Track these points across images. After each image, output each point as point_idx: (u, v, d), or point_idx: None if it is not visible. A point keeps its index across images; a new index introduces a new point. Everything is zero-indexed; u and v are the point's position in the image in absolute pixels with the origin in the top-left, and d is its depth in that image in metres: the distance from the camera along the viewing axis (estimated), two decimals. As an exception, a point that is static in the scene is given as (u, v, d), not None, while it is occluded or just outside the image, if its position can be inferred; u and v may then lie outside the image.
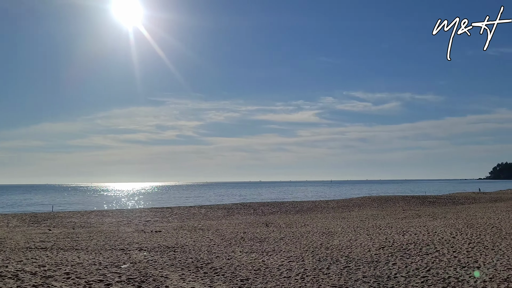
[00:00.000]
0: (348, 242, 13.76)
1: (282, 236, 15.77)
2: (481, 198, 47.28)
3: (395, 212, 27.06)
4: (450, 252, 11.49)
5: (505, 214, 22.32)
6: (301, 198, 61.45)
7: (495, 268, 9.44)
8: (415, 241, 13.50)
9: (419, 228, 17.14)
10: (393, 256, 11.22)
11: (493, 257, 10.66)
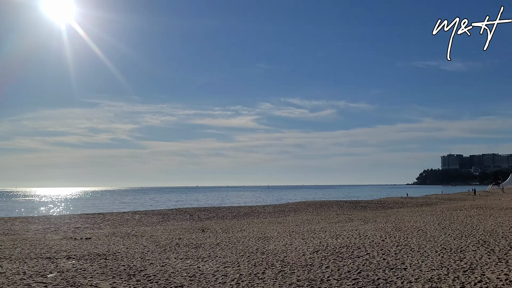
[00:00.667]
0: (283, 247, 13.91)
1: (218, 242, 15.66)
2: (409, 202, 49.82)
3: (329, 216, 27.81)
4: (379, 255, 11.94)
5: (430, 218, 23.62)
6: (238, 203, 61.55)
7: (420, 269, 9.91)
8: (347, 245, 13.91)
9: (351, 231, 17.70)
10: (327, 259, 11.47)
11: (418, 259, 11.20)
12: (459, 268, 9.91)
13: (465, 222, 20.77)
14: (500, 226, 18.38)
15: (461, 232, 16.52)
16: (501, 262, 10.57)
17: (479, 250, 12.39)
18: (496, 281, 8.65)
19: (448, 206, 37.08)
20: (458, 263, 10.49)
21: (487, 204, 37.45)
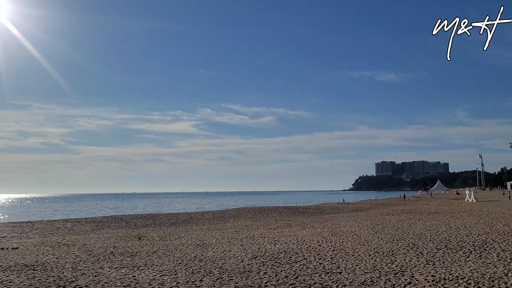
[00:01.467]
0: (222, 254, 13.82)
1: (155, 250, 15.28)
2: (345, 208, 51.37)
3: (268, 222, 28.02)
4: (316, 259, 12.16)
5: (364, 223, 24.45)
6: (177, 210, 60.58)
7: (354, 273, 10.20)
8: (286, 250, 14.06)
9: (289, 237, 17.93)
10: (265, 265, 11.52)
11: (353, 262, 11.53)
12: (390, 271, 10.30)
13: (396, 226, 21.70)
14: (428, 230, 19.36)
15: (392, 236, 17.23)
16: (429, 264, 11.12)
17: (409, 253, 12.96)
18: (424, 282, 9.07)
19: (381, 211, 38.60)
20: (390, 266, 10.91)
21: (417, 209, 39.39)
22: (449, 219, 25.46)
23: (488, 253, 12.70)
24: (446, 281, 9.11)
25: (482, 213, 30.58)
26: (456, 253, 12.81)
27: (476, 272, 9.92)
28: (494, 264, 10.92)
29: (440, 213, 31.89)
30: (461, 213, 31.07)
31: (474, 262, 11.26)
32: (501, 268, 10.31)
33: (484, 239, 15.80)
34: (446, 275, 9.66)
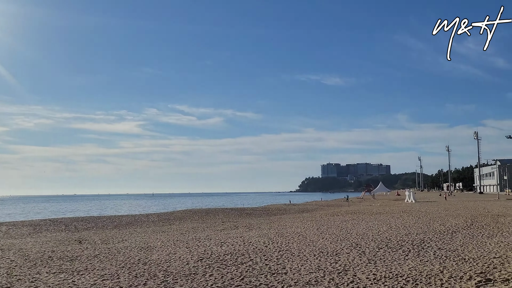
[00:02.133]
0: (167, 256, 13.55)
1: (97, 253, 14.73)
2: (291, 209, 52.05)
3: (214, 224, 27.86)
4: (262, 260, 12.20)
5: (310, 224, 24.87)
6: (120, 212, 58.97)
7: (299, 273, 10.32)
8: (232, 252, 14.00)
9: (236, 239, 17.89)
10: (211, 267, 11.40)
11: (298, 263, 11.66)
12: (334, 270, 10.50)
13: (340, 226, 22.23)
14: (371, 230, 19.98)
15: (337, 236, 17.63)
16: (371, 263, 11.45)
17: (352, 252, 13.30)
18: (365, 281, 9.31)
19: (327, 212, 39.46)
20: (334, 266, 11.13)
21: (360, 210, 40.61)
22: (390, 219, 26.42)
23: (425, 251, 13.26)
24: (386, 279, 9.41)
25: (420, 213, 31.98)
26: (396, 252, 13.28)
27: (414, 270, 10.32)
28: (431, 262, 11.42)
29: (381, 214, 33.04)
30: (401, 214, 32.34)
31: (412, 260, 11.72)
32: (437, 266, 10.79)
33: (422, 238, 16.51)
34: (386, 273, 9.98)
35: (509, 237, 16.26)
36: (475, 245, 14.44)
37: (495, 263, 10.95)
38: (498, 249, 13.42)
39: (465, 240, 15.67)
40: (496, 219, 24.81)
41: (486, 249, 13.48)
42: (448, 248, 13.76)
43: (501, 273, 9.74)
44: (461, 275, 9.66)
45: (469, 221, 24.00)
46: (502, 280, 9.01)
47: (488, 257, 11.96)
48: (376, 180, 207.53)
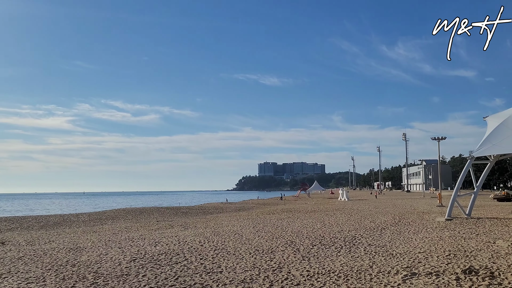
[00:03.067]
0: (97, 257, 13.02)
1: (21, 255, 13.87)
2: (228, 208, 52.05)
3: (149, 223, 27.22)
4: (197, 260, 12.05)
5: (246, 222, 24.98)
6: (48, 211, 56.15)
7: (235, 271, 10.30)
8: (166, 251, 13.73)
9: (171, 238, 17.57)
10: (144, 267, 11.10)
11: (234, 261, 11.64)
12: (269, 268, 10.59)
13: (276, 225, 22.52)
14: (305, 228, 20.41)
15: (272, 234, 17.83)
16: (305, 260, 11.66)
17: (287, 250, 13.49)
18: (299, 277, 9.47)
19: (263, 211, 39.84)
20: (269, 263, 11.22)
21: (296, 208, 41.40)
22: (324, 217, 27.15)
23: (356, 247, 13.73)
24: (319, 275, 9.62)
25: (352, 211, 33.17)
26: (329, 248, 13.64)
27: (345, 266, 10.64)
28: (361, 257, 11.83)
29: (316, 212, 33.89)
30: (335, 212, 33.36)
31: (344, 256, 12.08)
32: (367, 261, 11.19)
33: (354, 235, 17.10)
34: (319, 270, 10.20)
35: (433, 233, 17.23)
36: (402, 241, 15.16)
37: (419, 258, 11.54)
38: (423, 244, 14.18)
39: (393, 236, 16.41)
40: (421, 216, 26.25)
41: (412, 244, 14.19)
42: (377, 244, 14.34)
43: (425, 267, 10.28)
44: (388, 269, 10.08)
45: (397, 218, 25.20)
46: (426, 274, 9.50)
47: (414, 252, 12.60)
48: (311, 179, 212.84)
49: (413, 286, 8.53)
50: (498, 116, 28.28)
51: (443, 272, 9.66)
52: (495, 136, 25.55)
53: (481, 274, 9.29)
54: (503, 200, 46.51)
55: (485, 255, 11.80)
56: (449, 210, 24.27)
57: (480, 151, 25.38)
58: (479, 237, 15.76)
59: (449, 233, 16.99)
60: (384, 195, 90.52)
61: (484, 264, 10.46)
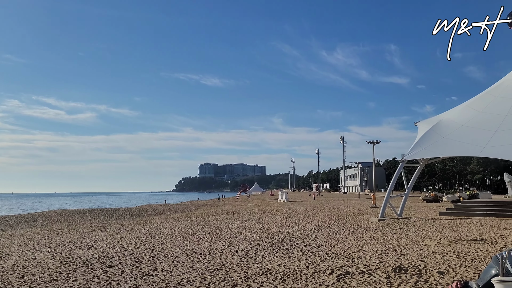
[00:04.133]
0: (25, 262, 12.29)
1: None
2: (166, 209, 51.17)
3: (82, 226, 26.15)
4: (132, 263, 11.71)
5: (185, 224, 24.66)
6: (-27, 214, 52.45)
7: (171, 274, 10.10)
8: (100, 255, 13.22)
9: (105, 241, 16.96)
10: (75, 272, 10.62)
11: (170, 264, 11.42)
12: (206, 270, 10.49)
13: (215, 226, 22.40)
14: (244, 229, 20.46)
15: (211, 236, 17.71)
16: (243, 261, 11.67)
17: (225, 251, 13.44)
18: (236, 279, 9.45)
19: (202, 212, 39.55)
20: (206, 265, 11.11)
21: (235, 209, 41.46)
22: (263, 218, 27.38)
23: (294, 248, 13.94)
24: (256, 276, 9.65)
25: (291, 212, 33.72)
26: (267, 249, 13.75)
27: (283, 266, 10.76)
28: (298, 258, 12.02)
29: (255, 213, 34.11)
30: (274, 213, 33.75)
31: (281, 257, 12.22)
32: (303, 262, 11.39)
33: (291, 235, 17.36)
34: (257, 271, 10.24)
35: (367, 233, 17.87)
36: (337, 241, 15.58)
37: (353, 257, 11.91)
38: (357, 244, 14.66)
39: (329, 237, 16.84)
40: (356, 217, 27.17)
41: (346, 244, 14.62)
42: (314, 245, 14.65)
43: (358, 266, 10.62)
44: (324, 269, 10.31)
45: (333, 219, 25.91)
46: (359, 273, 9.82)
47: (348, 251, 12.98)
48: (251, 181, 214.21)
49: (346, 285, 8.78)
50: (428, 122, 29.90)
51: (375, 270, 10.02)
52: (425, 141, 26.98)
53: (410, 272, 9.73)
54: (432, 201, 49.23)
55: (414, 253, 12.39)
56: (382, 211, 25.31)
57: (411, 155, 26.70)
58: (408, 236, 16.54)
59: (381, 233, 17.69)
60: (322, 197, 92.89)
61: (413, 262, 10.97)
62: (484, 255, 11.84)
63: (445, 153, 28.19)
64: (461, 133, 26.16)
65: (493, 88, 28.87)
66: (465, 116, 27.58)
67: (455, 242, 14.50)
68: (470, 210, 26.68)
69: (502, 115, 25.47)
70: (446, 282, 8.62)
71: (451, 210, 27.87)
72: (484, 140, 24.48)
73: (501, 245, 13.76)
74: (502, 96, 27.00)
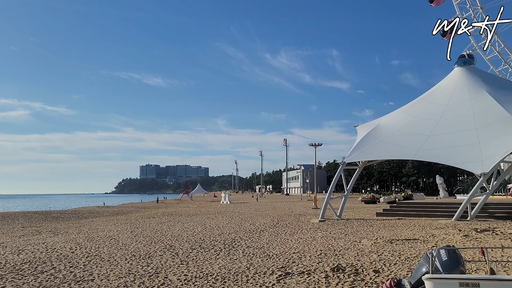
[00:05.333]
0: None
1: None
2: (105, 212, 49.51)
3: (12, 230, 24.70)
4: (67, 268, 11.18)
5: (124, 226, 23.94)
6: None
7: (108, 279, 9.74)
8: (31, 260, 12.53)
9: (37, 245, 16.10)
10: (3, 278, 9.97)
11: (107, 268, 11.02)
12: (145, 274, 10.21)
13: (156, 229, 21.93)
14: (186, 231, 20.18)
15: (151, 239, 17.30)
16: (183, 264, 11.48)
17: (165, 254, 13.17)
18: (176, 282, 9.27)
19: (143, 214, 38.61)
20: (145, 269, 10.82)
21: (177, 212, 40.85)
22: (205, 220, 27.16)
23: (235, 250, 13.91)
24: (197, 279, 9.52)
25: (233, 214, 33.70)
26: (209, 251, 13.62)
27: (224, 268, 10.69)
28: (239, 259, 12.00)
29: (198, 215, 33.78)
30: (216, 215, 33.58)
31: (223, 259, 12.14)
32: (244, 263, 11.38)
33: (233, 237, 17.32)
34: (197, 273, 10.10)
35: (307, 234, 18.18)
36: (279, 242, 15.73)
37: (294, 258, 12.06)
38: (298, 245, 14.86)
39: (271, 238, 16.96)
40: (298, 218, 27.61)
41: (287, 245, 14.79)
42: (256, 246, 14.69)
43: (298, 266, 10.76)
44: (265, 270, 10.35)
45: (275, 220, 26.17)
46: (299, 273, 9.94)
47: (289, 252, 13.13)
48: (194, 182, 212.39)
49: (286, 285, 8.85)
50: (366, 126, 31.03)
51: (314, 270, 10.19)
52: (363, 144, 27.95)
53: (347, 271, 9.98)
54: (370, 203, 51.05)
55: (352, 253, 12.74)
56: (322, 212, 25.90)
57: (351, 157, 27.55)
58: (347, 237, 17.01)
59: (321, 234, 18.07)
60: (265, 198, 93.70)
61: (351, 262, 11.27)
62: (417, 254, 12.38)
63: (382, 156, 29.38)
64: (397, 137, 27.36)
65: (427, 95, 30.48)
66: (401, 121, 28.88)
67: (390, 241, 15.08)
68: (405, 211, 27.89)
69: (435, 120, 26.92)
70: (381, 281, 8.92)
71: (387, 211, 29.00)
72: (418, 144, 25.74)
73: (432, 244, 14.47)
74: (435, 103, 28.54)
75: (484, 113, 25.36)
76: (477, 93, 26.88)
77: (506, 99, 25.70)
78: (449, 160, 25.33)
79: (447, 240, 15.08)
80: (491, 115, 24.92)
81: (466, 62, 30.62)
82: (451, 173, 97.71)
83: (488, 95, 26.23)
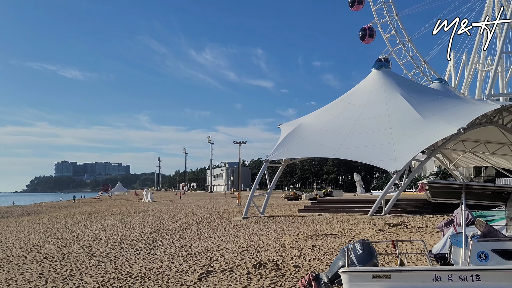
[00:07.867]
0: None
1: None
2: (14, 212, 46.14)
3: None
4: (-32, 273, 10.24)
5: (36, 227, 22.49)
6: None
7: (16, 283, 9.07)
8: None
9: None
10: None
11: (16, 272, 10.26)
12: (58, 277, 9.63)
13: (71, 229, 20.82)
14: (104, 231, 19.37)
15: (66, 240, 16.39)
16: (100, 265, 10.97)
17: (81, 256, 12.52)
18: (93, 284, 8.84)
19: (58, 214, 36.55)
20: (59, 271, 10.21)
21: (96, 211, 39.15)
22: (125, 219, 26.27)
23: (156, 249, 13.57)
24: (115, 280, 9.14)
25: (156, 212, 32.96)
26: (128, 251, 13.16)
27: (144, 268, 10.37)
28: (160, 259, 11.71)
29: (118, 214, 32.61)
30: (137, 213, 32.64)
31: (143, 259, 11.78)
32: (166, 262, 11.12)
33: (155, 236, 16.90)
34: (116, 275, 9.70)
35: (230, 231, 18.21)
36: (201, 240, 15.59)
37: (216, 256, 12.00)
38: (220, 242, 14.83)
39: (193, 236, 16.77)
40: (221, 216, 27.60)
41: (210, 243, 14.70)
42: (178, 245, 14.44)
43: (221, 264, 10.72)
44: (186, 269, 10.19)
45: (198, 218, 25.96)
46: (221, 270, 9.90)
47: (211, 250, 13.05)
48: (115, 180, 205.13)
49: (208, 283, 8.77)
50: (290, 124, 31.73)
51: (236, 267, 10.20)
52: (286, 142, 28.56)
53: (269, 267, 10.11)
54: (292, 200, 52.38)
55: (274, 249, 12.94)
56: (245, 209, 26.11)
57: (274, 155, 28.04)
58: (269, 233, 17.26)
59: (244, 231, 18.18)
60: (189, 196, 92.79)
61: (272, 257, 11.44)
62: (335, 248, 12.85)
63: (304, 154, 30.25)
64: (318, 135, 28.27)
65: (346, 96, 31.85)
66: (322, 120, 29.89)
67: (311, 237, 15.53)
68: (325, 207, 28.90)
69: (354, 120, 28.17)
70: (301, 275, 9.13)
71: (309, 207, 29.91)
72: (337, 143, 26.79)
73: (349, 238, 15.10)
74: (354, 103, 29.88)
75: (398, 114, 26.96)
76: (392, 95, 28.55)
77: (417, 102, 27.55)
78: (366, 158, 26.64)
79: (363, 235, 15.83)
80: (404, 116, 26.55)
81: (383, 66, 32.54)
82: (368, 170, 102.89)
83: (402, 97, 27.94)
